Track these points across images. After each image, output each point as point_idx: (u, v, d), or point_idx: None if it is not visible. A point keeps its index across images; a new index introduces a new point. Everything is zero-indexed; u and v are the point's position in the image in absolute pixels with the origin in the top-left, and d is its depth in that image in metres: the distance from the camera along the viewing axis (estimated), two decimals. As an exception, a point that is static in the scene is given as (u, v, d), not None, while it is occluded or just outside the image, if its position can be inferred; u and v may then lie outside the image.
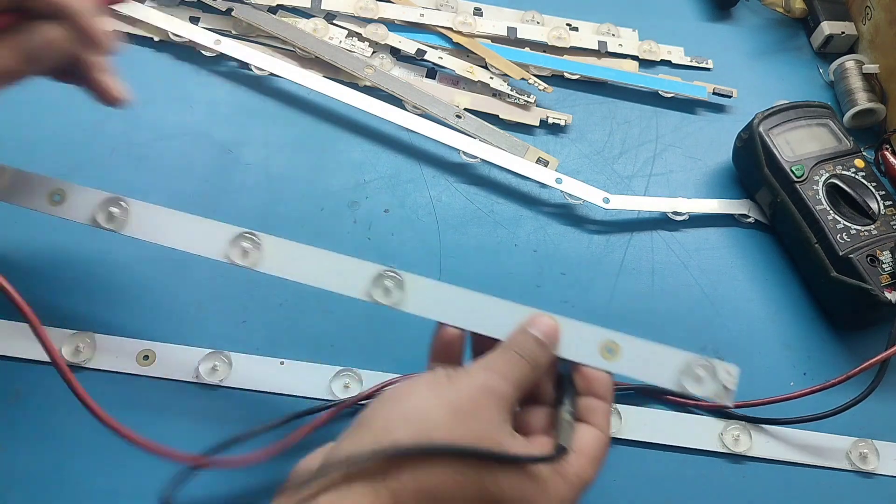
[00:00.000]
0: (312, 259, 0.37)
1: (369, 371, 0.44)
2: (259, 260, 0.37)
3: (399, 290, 0.36)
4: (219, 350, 0.44)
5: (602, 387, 0.34)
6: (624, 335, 0.35)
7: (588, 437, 0.32)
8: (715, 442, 0.44)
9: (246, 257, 0.37)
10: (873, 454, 0.44)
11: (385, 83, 0.55)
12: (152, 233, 0.38)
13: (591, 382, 0.34)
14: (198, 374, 0.43)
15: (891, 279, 0.46)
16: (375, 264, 0.36)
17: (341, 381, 0.44)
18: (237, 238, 0.37)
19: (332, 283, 0.36)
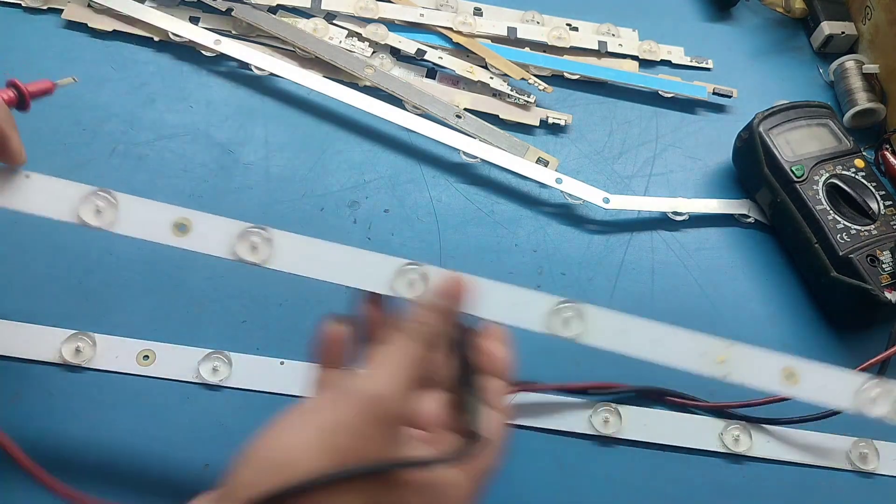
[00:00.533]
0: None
1: None
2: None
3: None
4: (219, 350, 0.44)
5: (500, 363, 0.32)
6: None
7: (492, 424, 0.31)
8: (715, 442, 0.44)
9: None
10: (873, 454, 0.44)
11: (385, 83, 0.55)
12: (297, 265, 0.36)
13: (491, 359, 0.32)
14: (198, 374, 0.43)
15: (891, 279, 0.46)
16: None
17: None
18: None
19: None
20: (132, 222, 0.34)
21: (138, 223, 0.34)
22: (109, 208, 0.34)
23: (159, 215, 0.34)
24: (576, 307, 0.35)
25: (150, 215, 0.34)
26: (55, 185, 0.34)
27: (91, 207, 0.34)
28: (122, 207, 0.34)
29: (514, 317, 0.35)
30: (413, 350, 0.30)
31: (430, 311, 0.31)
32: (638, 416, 0.44)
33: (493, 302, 0.35)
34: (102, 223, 0.34)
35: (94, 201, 0.34)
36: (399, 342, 0.30)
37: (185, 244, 0.34)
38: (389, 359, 0.29)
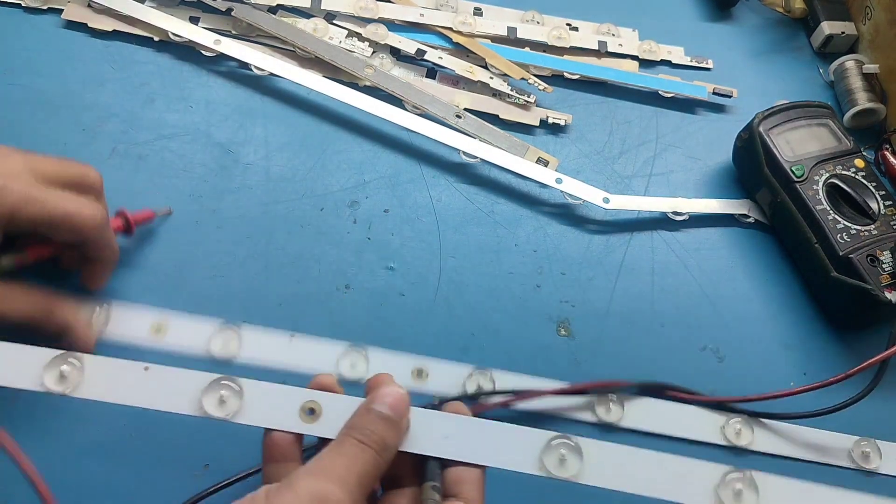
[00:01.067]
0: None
1: (377, 349, 0.44)
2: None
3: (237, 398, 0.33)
4: (230, 323, 0.44)
5: (471, 481, 0.31)
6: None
7: None
8: (717, 435, 0.44)
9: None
10: (875, 453, 0.44)
11: (385, 83, 0.55)
12: None
13: (461, 477, 0.31)
14: (209, 347, 0.43)
15: (891, 279, 0.46)
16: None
17: (349, 359, 0.44)
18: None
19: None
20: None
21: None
22: (234, 397, 0.33)
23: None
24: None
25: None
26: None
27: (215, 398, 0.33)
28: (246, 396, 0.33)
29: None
30: (364, 452, 0.29)
31: (381, 420, 0.30)
32: (640, 406, 0.44)
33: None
34: (226, 413, 0.33)
35: (218, 391, 0.33)
36: (347, 445, 0.29)
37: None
38: (336, 461, 0.28)
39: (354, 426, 0.30)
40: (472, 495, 0.30)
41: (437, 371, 0.44)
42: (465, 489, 0.30)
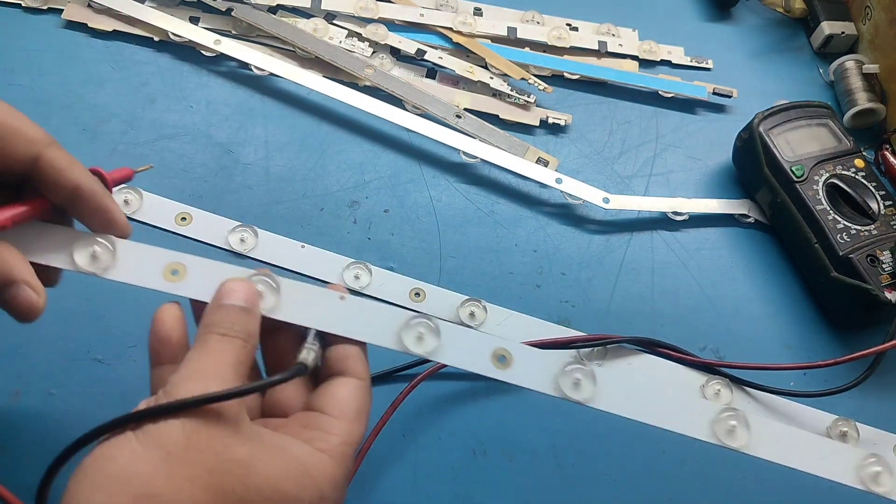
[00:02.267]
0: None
1: (378, 268, 0.47)
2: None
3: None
4: (247, 224, 0.48)
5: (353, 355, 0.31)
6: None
7: (344, 392, 0.29)
8: (696, 392, 0.45)
9: None
10: (853, 434, 0.44)
11: (385, 83, 0.55)
12: None
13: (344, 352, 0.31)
14: (227, 242, 0.47)
15: (891, 279, 0.46)
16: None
17: (352, 271, 0.47)
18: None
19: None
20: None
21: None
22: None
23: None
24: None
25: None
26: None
27: None
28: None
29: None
30: (231, 344, 0.28)
31: (237, 311, 0.29)
32: (622, 356, 0.45)
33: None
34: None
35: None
36: (212, 341, 0.28)
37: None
38: (206, 359, 0.27)
39: (212, 323, 0.29)
40: (357, 369, 0.30)
41: (434, 294, 0.47)
42: (349, 364, 0.30)
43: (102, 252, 0.32)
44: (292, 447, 0.27)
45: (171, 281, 0.32)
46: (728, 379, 0.46)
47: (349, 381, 0.30)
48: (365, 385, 0.30)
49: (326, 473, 0.27)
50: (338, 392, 0.29)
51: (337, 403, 0.29)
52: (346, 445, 0.28)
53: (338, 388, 0.30)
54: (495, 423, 0.43)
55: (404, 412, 0.43)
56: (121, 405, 0.41)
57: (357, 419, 0.29)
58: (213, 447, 0.25)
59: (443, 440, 0.42)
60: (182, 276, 0.32)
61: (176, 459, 0.24)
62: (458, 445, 0.42)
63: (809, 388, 0.46)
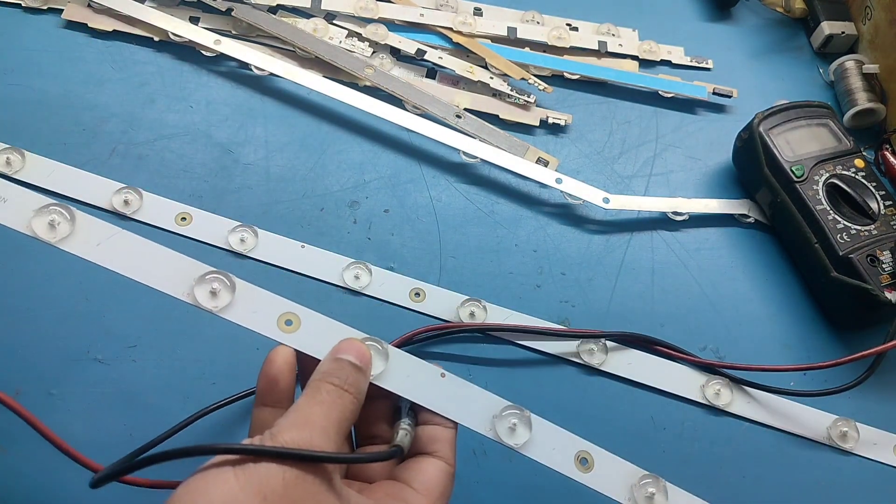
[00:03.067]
0: None
1: (378, 268, 0.48)
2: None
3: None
4: (247, 224, 0.48)
5: (443, 433, 0.31)
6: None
7: (432, 472, 0.30)
8: (696, 392, 0.45)
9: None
10: (853, 434, 0.45)
11: (385, 83, 0.55)
12: None
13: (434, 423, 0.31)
14: (227, 242, 0.47)
15: (891, 279, 0.46)
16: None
17: (352, 271, 0.47)
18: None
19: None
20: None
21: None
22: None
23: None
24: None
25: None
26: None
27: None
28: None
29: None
30: (341, 396, 0.28)
31: (352, 366, 0.30)
32: (622, 355, 0.46)
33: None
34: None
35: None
36: (324, 390, 0.28)
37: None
38: (315, 407, 0.28)
39: (328, 372, 0.29)
40: (446, 454, 0.31)
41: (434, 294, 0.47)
42: (439, 447, 0.31)
43: (220, 289, 0.33)
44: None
45: (285, 331, 0.32)
46: (728, 379, 0.46)
47: (438, 462, 0.30)
48: (451, 472, 0.31)
49: None
50: (426, 470, 0.30)
51: (424, 481, 0.29)
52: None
53: (426, 467, 0.30)
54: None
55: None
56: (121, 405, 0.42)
57: (439, 500, 0.29)
58: (306, 500, 0.25)
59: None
60: (295, 328, 0.32)
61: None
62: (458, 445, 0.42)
63: (809, 388, 0.46)
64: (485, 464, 0.42)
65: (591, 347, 0.45)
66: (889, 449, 0.45)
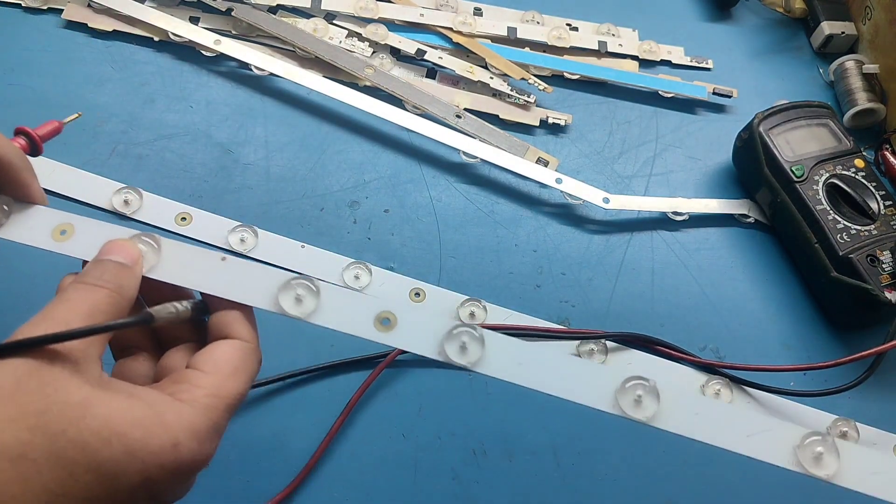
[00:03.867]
0: None
1: (378, 268, 0.47)
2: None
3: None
4: (247, 224, 0.48)
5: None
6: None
7: (221, 351, 0.29)
8: (696, 392, 0.45)
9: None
10: (853, 433, 0.44)
11: (385, 83, 0.55)
12: None
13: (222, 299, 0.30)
14: (227, 242, 0.47)
15: (891, 279, 0.46)
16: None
17: (352, 271, 0.47)
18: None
19: None
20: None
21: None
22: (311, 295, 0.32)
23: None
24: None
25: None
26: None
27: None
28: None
29: None
30: (95, 292, 0.27)
31: (114, 265, 0.29)
32: (623, 355, 0.46)
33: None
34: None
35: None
36: (77, 289, 0.27)
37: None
38: (62, 305, 0.27)
39: (84, 274, 0.28)
40: (242, 332, 0.30)
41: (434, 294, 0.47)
42: (230, 329, 0.30)
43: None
44: (146, 395, 0.27)
45: (58, 241, 0.32)
46: (728, 379, 0.46)
47: (229, 342, 0.30)
48: (247, 346, 0.30)
49: (183, 421, 0.26)
50: (214, 351, 0.29)
51: (210, 361, 0.29)
52: (213, 398, 0.27)
53: (215, 348, 0.29)
54: (495, 423, 0.43)
55: (404, 412, 0.43)
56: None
57: (232, 375, 0.28)
58: (43, 389, 0.24)
59: (443, 440, 0.42)
60: (69, 236, 0.32)
61: (1, 400, 0.24)
62: (458, 445, 0.42)
63: (809, 388, 0.46)
64: (485, 464, 0.42)
65: (591, 348, 0.45)
66: (889, 449, 0.45)
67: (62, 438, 0.24)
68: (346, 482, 0.41)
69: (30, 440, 0.23)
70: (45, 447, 0.23)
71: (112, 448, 0.24)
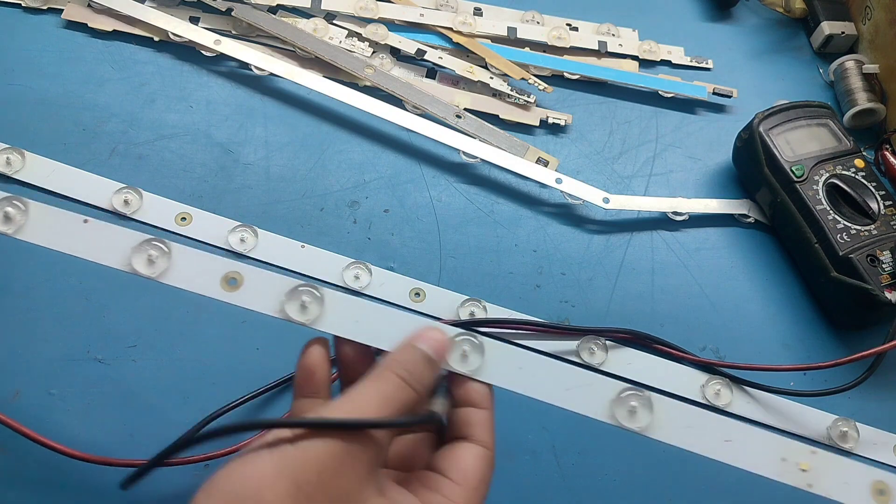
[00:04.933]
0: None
1: (378, 268, 0.47)
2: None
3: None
4: (247, 224, 0.48)
5: (480, 394, 0.30)
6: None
7: (468, 458, 0.28)
8: (696, 392, 0.45)
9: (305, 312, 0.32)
10: (853, 434, 0.44)
11: (385, 83, 0.55)
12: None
13: (468, 391, 0.30)
14: (227, 242, 0.47)
15: (891, 279, 0.46)
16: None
17: (352, 271, 0.47)
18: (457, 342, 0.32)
19: None
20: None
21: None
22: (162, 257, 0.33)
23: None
24: (644, 398, 0.32)
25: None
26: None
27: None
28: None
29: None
30: (402, 389, 0.27)
31: (425, 360, 0.29)
32: (622, 355, 0.46)
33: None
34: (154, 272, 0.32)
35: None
36: (386, 379, 0.28)
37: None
38: (372, 395, 0.27)
39: (397, 361, 0.28)
40: (483, 437, 0.29)
41: (434, 294, 0.47)
42: (474, 430, 0.29)
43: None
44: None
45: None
46: (728, 379, 0.46)
47: (474, 447, 0.29)
48: (489, 455, 0.29)
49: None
50: (462, 457, 0.29)
51: (460, 469, 0.28)
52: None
53: (462, 453, 0.29)
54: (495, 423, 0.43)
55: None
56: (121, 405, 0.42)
57: (478, 488, 0.28)
58: (344, 488, 0.24)
59: (443, 440, 0.42)
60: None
61: (304, 496, 0.23)
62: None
63: (809, 388, 0.46)
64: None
65: (591, 347, 0.45)
66: (889, 449, 0.45)
67: None
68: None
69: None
70: None
71: None
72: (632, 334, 0.46)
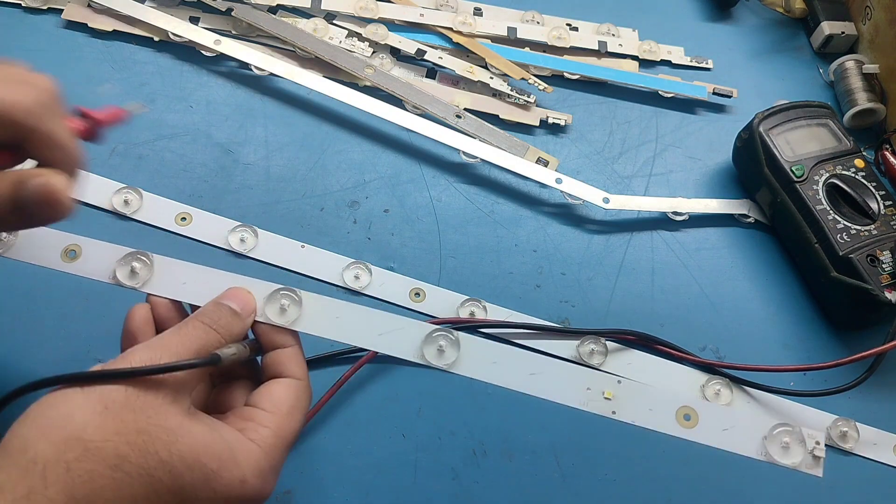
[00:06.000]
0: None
1: (378, 268, 0.48)
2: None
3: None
4: (247, 224, 0.48)
5: (284, 336, 0.34)
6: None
7: (279, 389, 0.32)
8: (696, 392, 0.45)
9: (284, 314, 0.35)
10: (853, 434, 0.44)
11: (385, 83, 0.55)
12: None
13: (272, 336, 0.33)
14: (227, 242, 0.47)
15: (891, 279, 0.46)
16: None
17: (352, 271, 0.47)
18: (273, 294, 0.35)
19: None
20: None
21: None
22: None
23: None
24: (452, 336, 0.36)
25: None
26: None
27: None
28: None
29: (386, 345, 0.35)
30: (207, 333, 0.31)
31: (231, 312, 0.33)
32: (622, 355, 0.46)
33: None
34: None
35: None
36: (191, 326, 0.31)
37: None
38: (174, 338, 0.30)
39: (203, 313, 0.32)
40: (292, 369, 0.33)
41: (434, 294, 0.47)
42: (284, 367, 0.33)
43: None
44: (223, 431, 0.29)
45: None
46: (728, 379, 0.46)
47: (284, 380, 0.32)
48: (300, 384, 0.32)
49: (251, 460, 0.29)
50: (273, 390, 0.32)
51: (271, 400, 0.31)
52: (276, 438, 0.30)
53: (273, 387, 0.32)
54: (495, 423, 0.43)
55: (404, 412, 0.43)
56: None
57: (289, 414, 0.31)
58: (146, 411, 0.27)
59: (443, 440, 0.42)
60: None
61: (110, 414, 0.27)
62: (458, 445, 0.42)
63: (809, 388, 0.46)
64: (485, 463, 0.42)
65: (591, 348, 0.45)
66: (889, 449, 0.45)
67: (154, 458, 0.26)
68: (346, 482, 0.41)
69: (127, 454, 0.26)
70: (138, 462, 0.26)
71: (193, 474, 0.27)
72: (633, 334, 0.46)
